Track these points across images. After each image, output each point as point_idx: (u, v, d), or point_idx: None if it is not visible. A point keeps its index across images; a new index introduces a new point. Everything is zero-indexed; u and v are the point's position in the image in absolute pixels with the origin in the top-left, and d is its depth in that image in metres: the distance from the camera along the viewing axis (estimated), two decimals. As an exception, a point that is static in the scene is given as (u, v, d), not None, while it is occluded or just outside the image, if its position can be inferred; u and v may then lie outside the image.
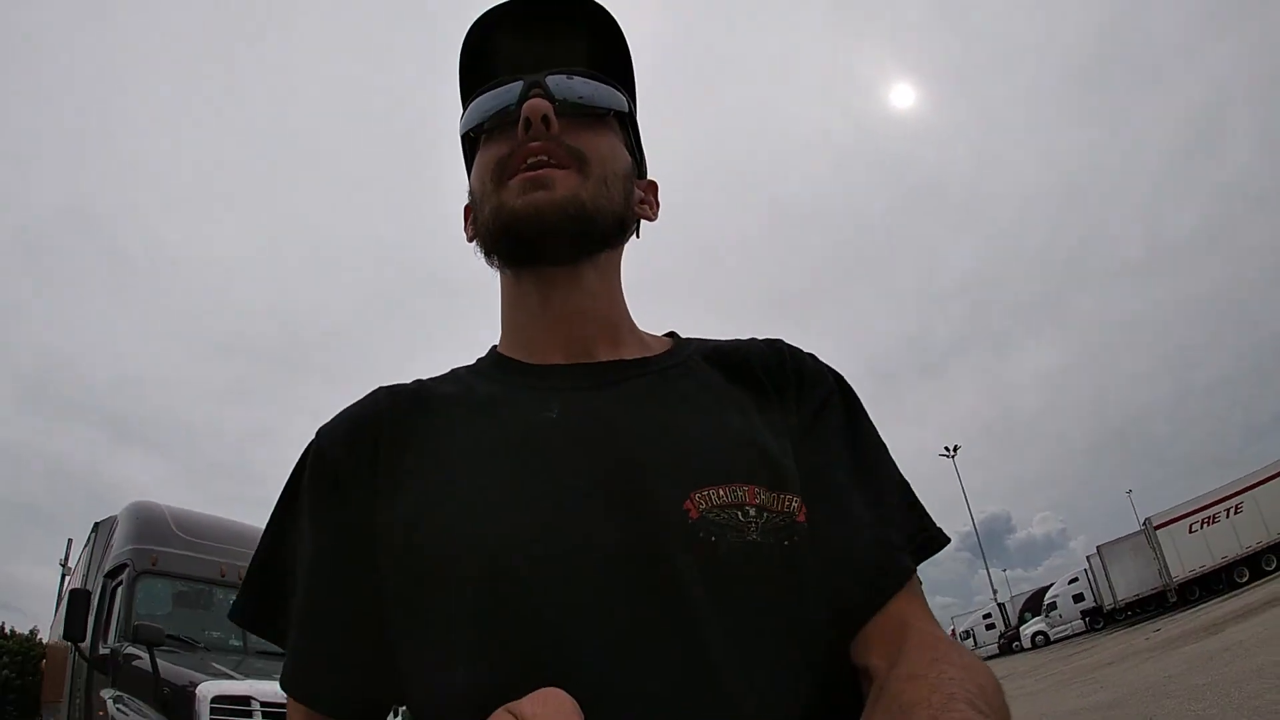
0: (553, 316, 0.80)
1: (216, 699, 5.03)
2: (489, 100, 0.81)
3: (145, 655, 5.62)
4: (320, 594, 0.71)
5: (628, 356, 0.81)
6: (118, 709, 5.51)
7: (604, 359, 0.80)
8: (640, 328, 0.88)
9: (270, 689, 5.26)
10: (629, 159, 0.85)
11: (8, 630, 21.63)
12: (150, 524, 7.54)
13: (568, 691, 0.54)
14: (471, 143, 0.86)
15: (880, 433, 0.83)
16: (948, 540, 0.78)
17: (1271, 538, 22.81)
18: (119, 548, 7.34)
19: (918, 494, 0.80)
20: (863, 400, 0.85)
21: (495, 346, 0.87)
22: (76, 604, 6.62)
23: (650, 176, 0.93)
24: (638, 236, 0.89)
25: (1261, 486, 23.50)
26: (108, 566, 7.30)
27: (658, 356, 0.82)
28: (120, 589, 6.72)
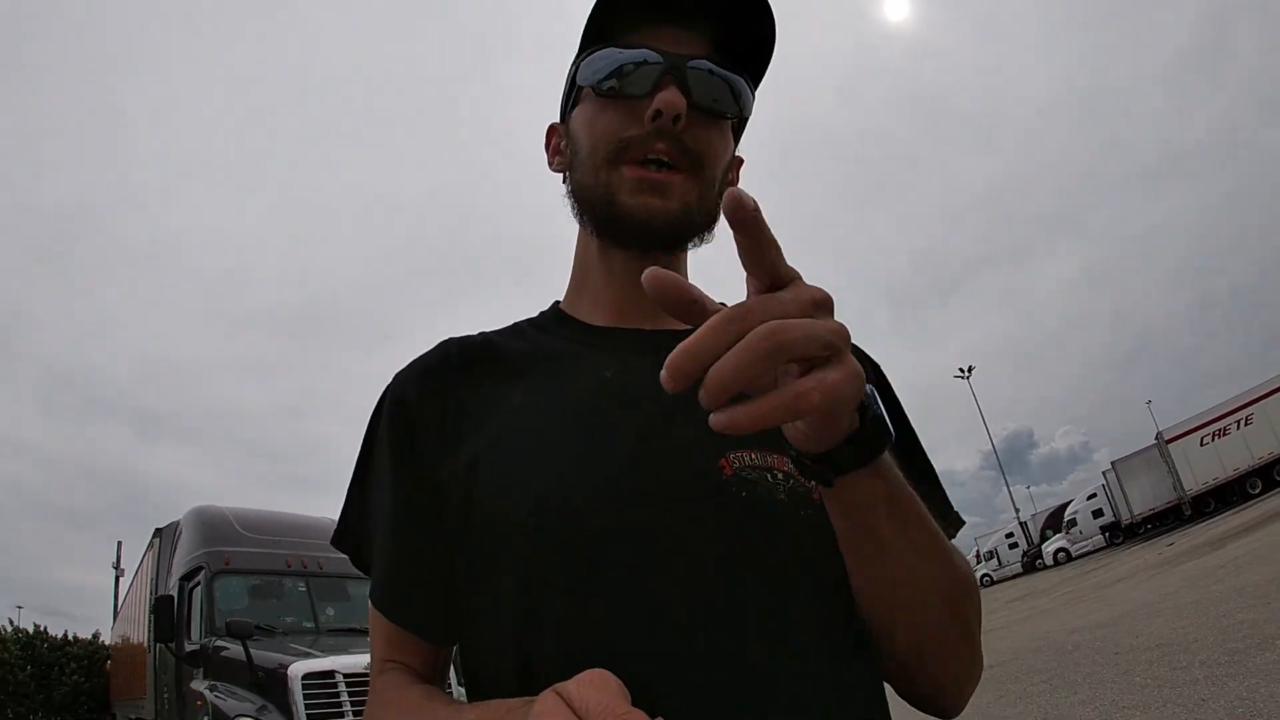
0: (628, 289, 0.84)
1: (306, 676, 5.83)
2: (620, 61, 0.78)
3: (233, 646, 6.45)
4: (399, 527, 0.77)
5: (682, 328, 0.83)
6: (215, 697, 6.32)
7: (665, 327, 0.83)
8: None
9: (348, 661, 6.07)
10: (731, 149, 0.86)
11: (71, 637, 22.83)
12: (216, 527, 8.37)
13: (606, 641, 0.62)
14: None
15: (905, 409, 0.88)
16: (963, 523, 0.85)
17: (1281, 447, 23.40)
18: (190, 552, 8.19)
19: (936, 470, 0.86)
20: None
21: (558, 302, 0.92)
22: (162, 609, 7.48)
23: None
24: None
25: (1271, 397, 24.03)
26: (181, 571, 8.14)
27: None
28: (198, 590, 7.52)
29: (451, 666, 0.87)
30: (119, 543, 26.92)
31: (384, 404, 0.83)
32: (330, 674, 5.94)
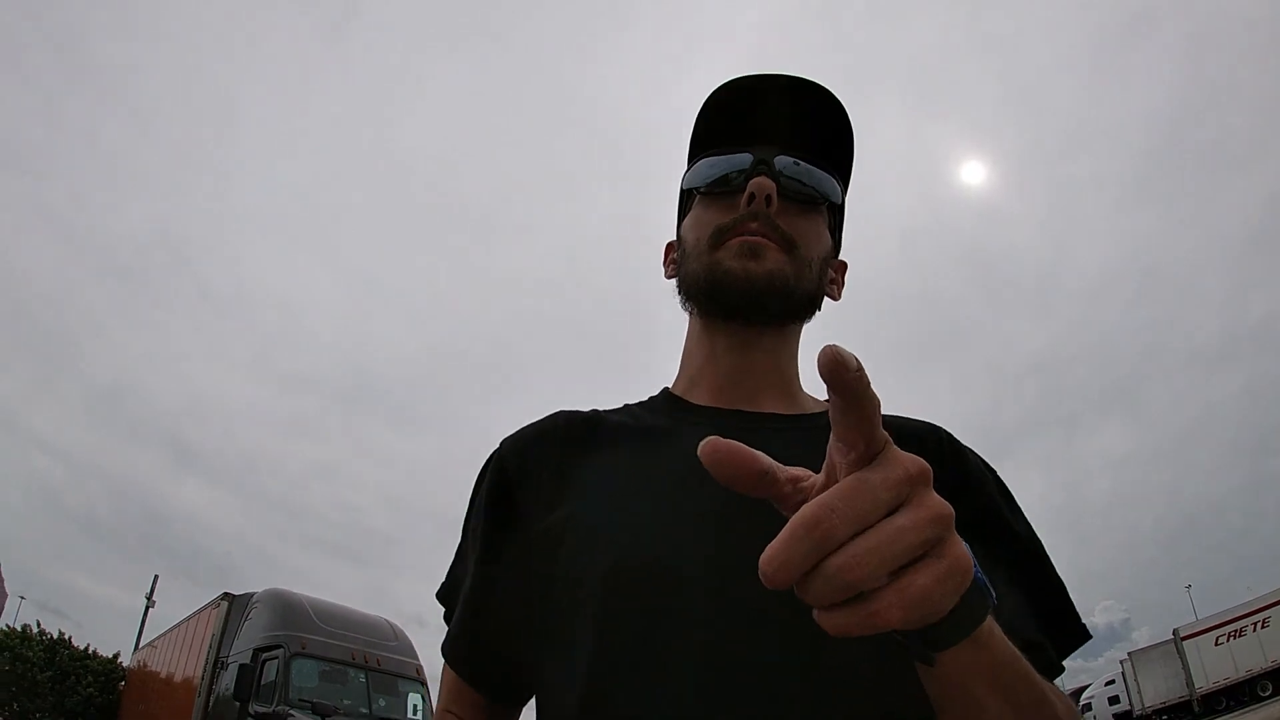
0: (729, 364, 0.90)
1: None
2: (718, 164, 0.91)
3: (299, 717, 8.28)
4: (478, 580, 0.85)
5: (785, 411, 0.89)
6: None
7: (765, 409, 0.88)
8: (809, 392, 0.95)
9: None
10: (830, 243, 0.95)
11: (91, 651, 24.73)
12: (294, 611, 10.28)
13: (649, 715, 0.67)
14: (689, 195, 0.98)
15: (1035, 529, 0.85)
16: (1089, 636, 0.80)
17: (1297, 655, 24.00)
18: (269, 629, 10.07)
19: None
20: None
21: (667, 387, 0.98)
22: (245, 676, 9.29)
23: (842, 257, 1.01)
24: (819, 310, 0.96)
25: (1290, 603, 24.83)
26: (258, 642, 10.00)
27: (811, 415, 0.89)
28: (275, 664, 9.32)
29: None
30: (155, 576, 29.04)
31: (489, 466, 0.91)
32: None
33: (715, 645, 0.68)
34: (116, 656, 25.12)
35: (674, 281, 0.98)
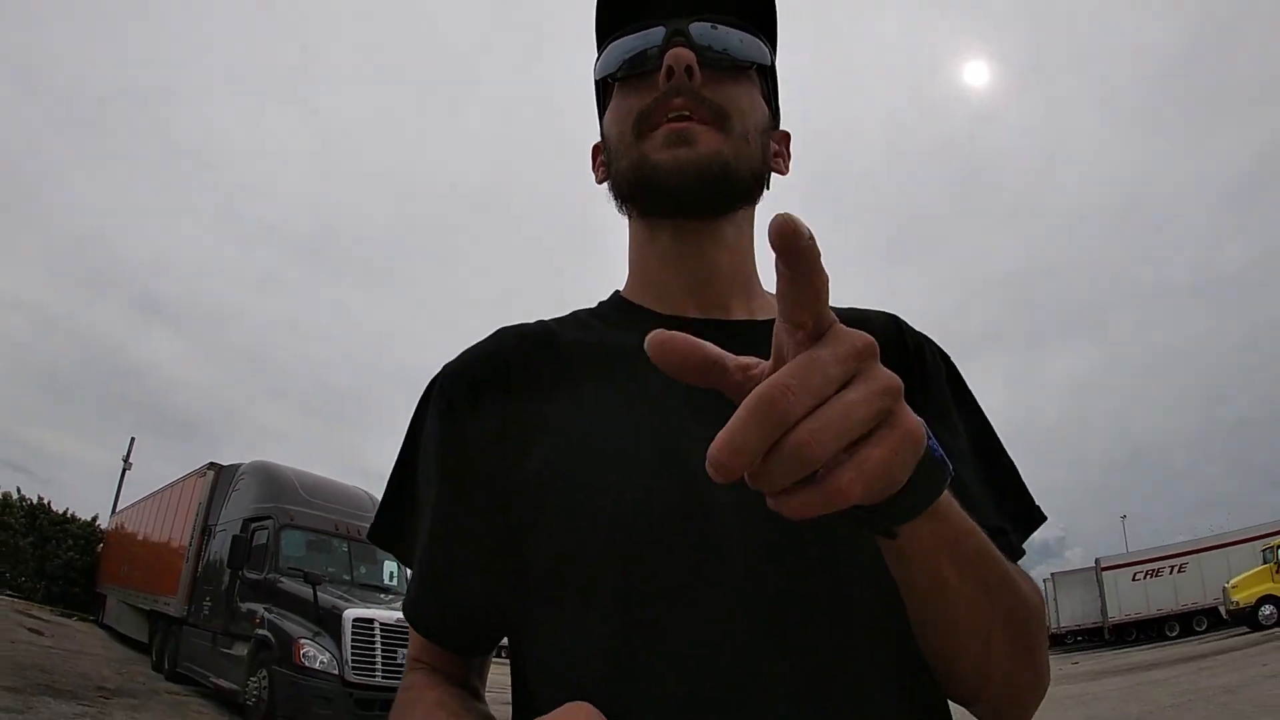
0: (688, 270, 0.82)
1: (355, 619, 8.60)
2: (628, 44, 0.82)
3: (290, 583, 9.32)
4: (439, 534, 0.78)
5: (760, 317, 0.82)
6: (273, 617, 9.04)
7: (738, 317, 0.82)
8: (766, 288, 0.88)
9: (383, 614, 8.83)
10: (767, 112, 0.87)
11: (70, 514, 25.83)
12: (280, 484, 11.17)
13: (668, 671, 0.64)
14: (606, 86, 0.89)
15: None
16: (1045, 518, 0.81)
17: (1207, 601, 25.90)
18: (258, 501, 10.99)
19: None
20: None
21: (618, 291, 0.90)
22: (239, 546, 10.22)
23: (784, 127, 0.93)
24: (768, 189, 0.88)
25: (1207, 552, 26.78)
26: (248, 514, 10.93)
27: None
28: (265, 534, 10.26)
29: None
30: (132, 439, 29.93)
31: (430, 400, 0.82)
32: (370, 621, 8.72)
33: (751, 585, 0.66)
34: (95, 519, 26.28)
35: (606, 186, 0.88)
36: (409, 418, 0.85)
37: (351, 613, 8.66)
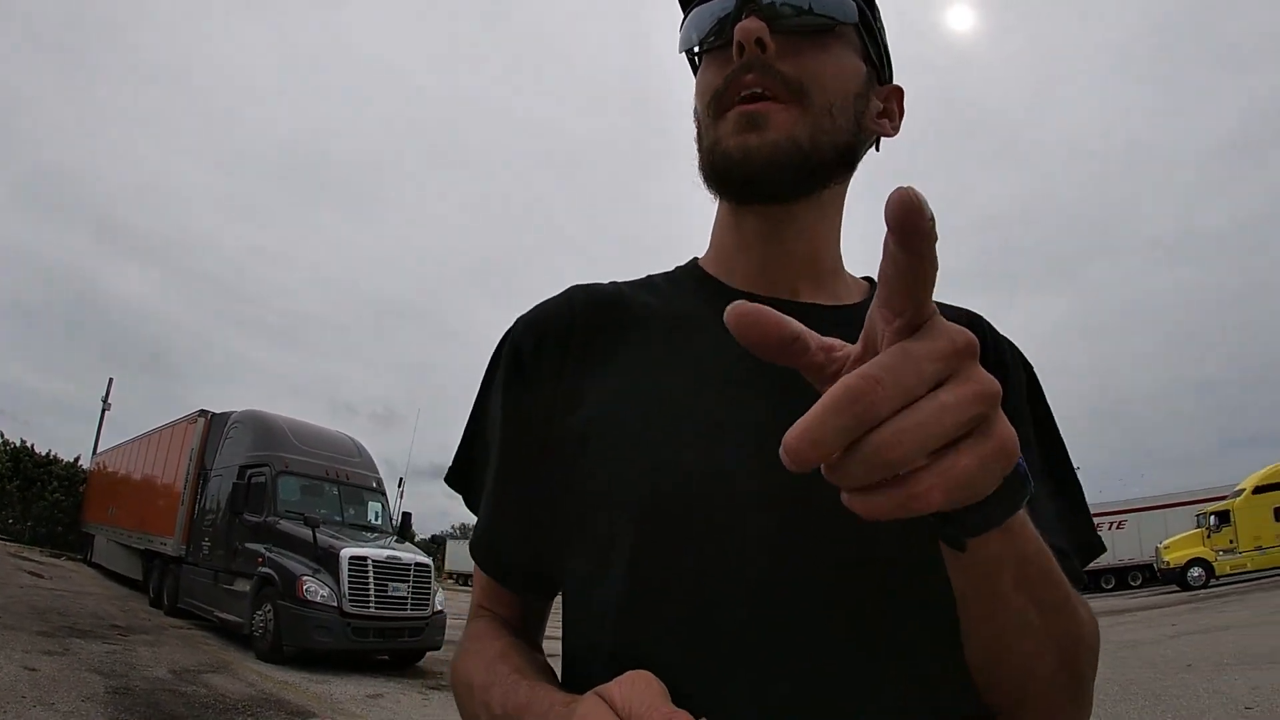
0: (762, 251, 0.79)
1: (351, 558, 9.53)
2: (704, 13, 0.78)
3: (287, 524, 10.23)
4: (502, 480, 0.80)
5: (826, 302, 0.79)
6: (274, 556, 9.95)
7: (805, 300, 0.79)
8: (850, 271, 0.86)
9: (375, 552, 9.79)
10: (863, 72, 0.79)
11: (53, 456, 26.43)
12: (274, 433, 11.99)
13: (696, 643, 0.63)
14: (694, 56, 0.83)
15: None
16: (1105, 549, 0.79)
17: (1143, 558, 27.63)
18: (254, 449, 11.77)
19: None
20: None
21: (697, 259, 0.88)
22: (238, 491, 11.05)
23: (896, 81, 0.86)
24: (877, 150, 0.85)
25: (1149, 512, 28.46)
26: (244, 460, 11.70)
27: (855, 307, 0.80)
28: (262, 480, 11.08)
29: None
30: (110, 379, 30.41)
31: (502, 351, 0.83)
32: (364, 558, 9.67)
33: (760, 563, 0.64)
34: (77, 460, 26.94)
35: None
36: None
37: (348, 551, 9.59)
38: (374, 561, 9.68)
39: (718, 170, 0.76)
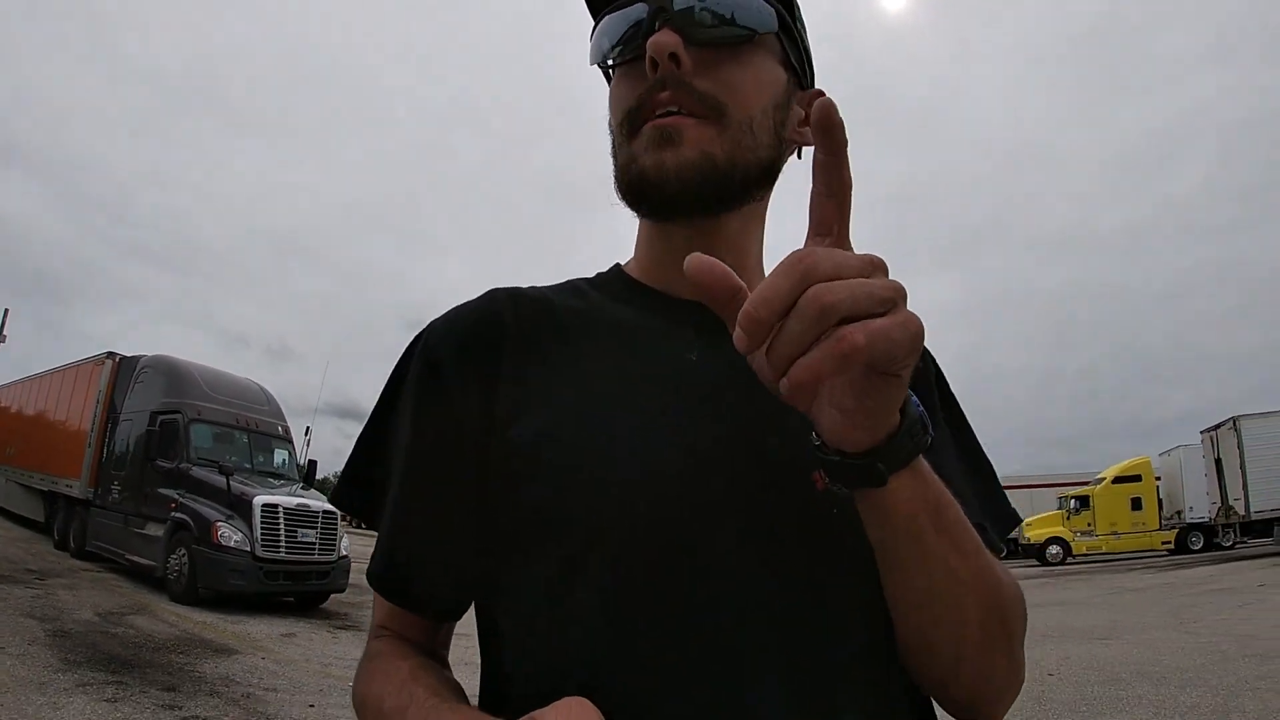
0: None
1: (264, 505, 10.02)
2: (613, 24, 0.74)
3: (200, 471, 10.65)
4: (412, 498, 0.74)
5: None
6: (187, 501, 10.33)
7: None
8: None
9: (285, 500, 10.29)
10: (783, 80, 0.76)
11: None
12: (185, 380, 12.24)
13: (654, 643, 0.62)
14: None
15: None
16: (1020, 519, 0.84)
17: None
18: (166, 395, 11.99)
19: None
20: None
21: (619, 265, 0.86)
22: (153, 438, 11.39)
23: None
24: (799, 158, 0.80)
25: (1013, 490, 30.57)
26: (156, 407, 11.90)
27: None
28: (174, 427, 11.37)
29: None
30: (4, 310, 29.19)
31: (413, 356, 0.77)
32: (275, 506, 10.18)
33: (739, 562, 0.63)
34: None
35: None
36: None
37: (260, 499, 10.09)
38: (285, 509, 10.20)
39: (633, 188, 0.73)
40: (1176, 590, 14.49)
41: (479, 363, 0.74)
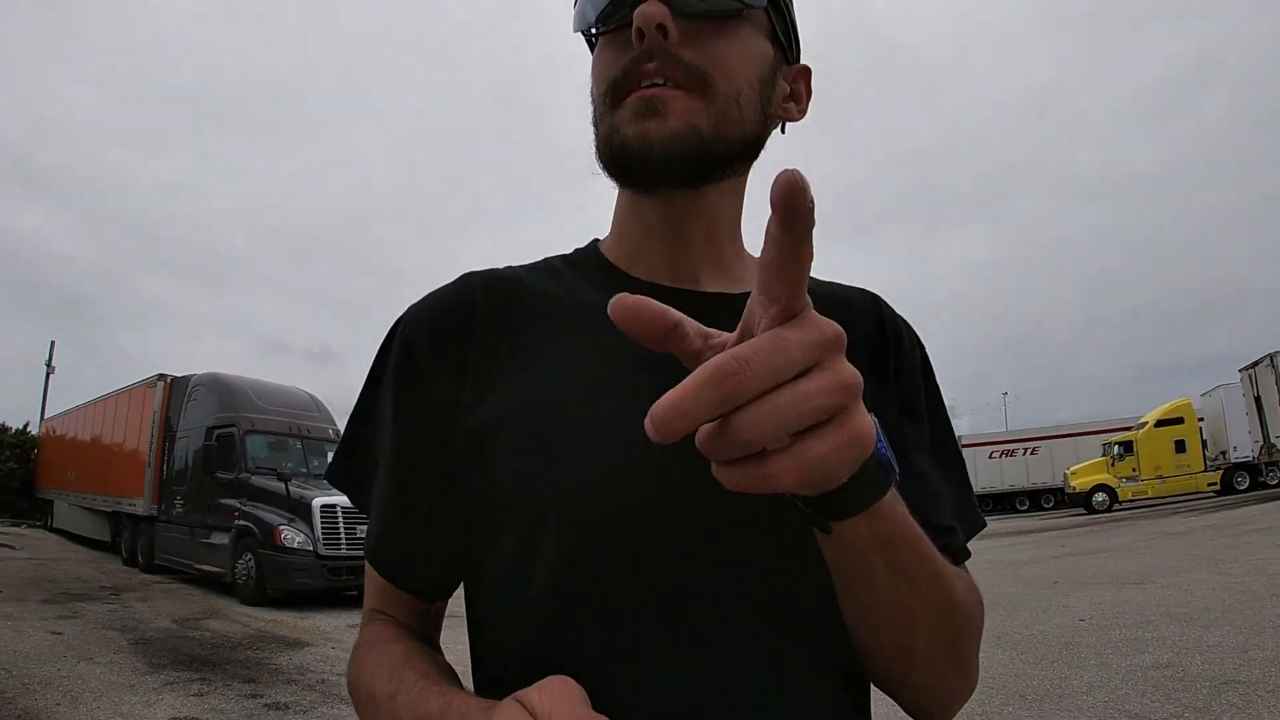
0: (664, 239, 0.78)
1: (323, 506, 10.55)
2: None
3: (259, 479, 11.21)
4: (399, 480, 0.76)
5: (728, 290, 0.78)
6: (250, 509, 10.93)
7: (708, 288, 0.78)
8: (750, 251, 0.85)
9: (340, 500, 10.59)
10: (770, 55, 0.76)
11: (3, 424, 26.51)
12: (237, 394, 12.85)
13: (618, 642, 0.63)
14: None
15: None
16: (984, 524, 0.82)
17: (1055, 482, 29.91)
18: (220, 410, 12.59)
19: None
20: None
21: (598, 241, 0.86)
22: (210, 452, 12.00)
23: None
24: (782, 132, 0.81)
25: (1060, 440, 30.83)
26: (212, 422, 12.52)
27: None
28: (231, 439, 11.96)
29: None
30: (52, 342, 30.35)
31: (392, 343, 0.79)
32: (334, 505, 10.67)
33: (698, 542, 0.64)
34: (26, 427, 27.08)
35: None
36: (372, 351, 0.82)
37: (319, 500, 10.60)
38: (342, 508, 10.71)
39: (615, 158, 0.72)
40: (1219, 532, 14.50)
41: (451, 346, 0.75)
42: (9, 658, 6.47)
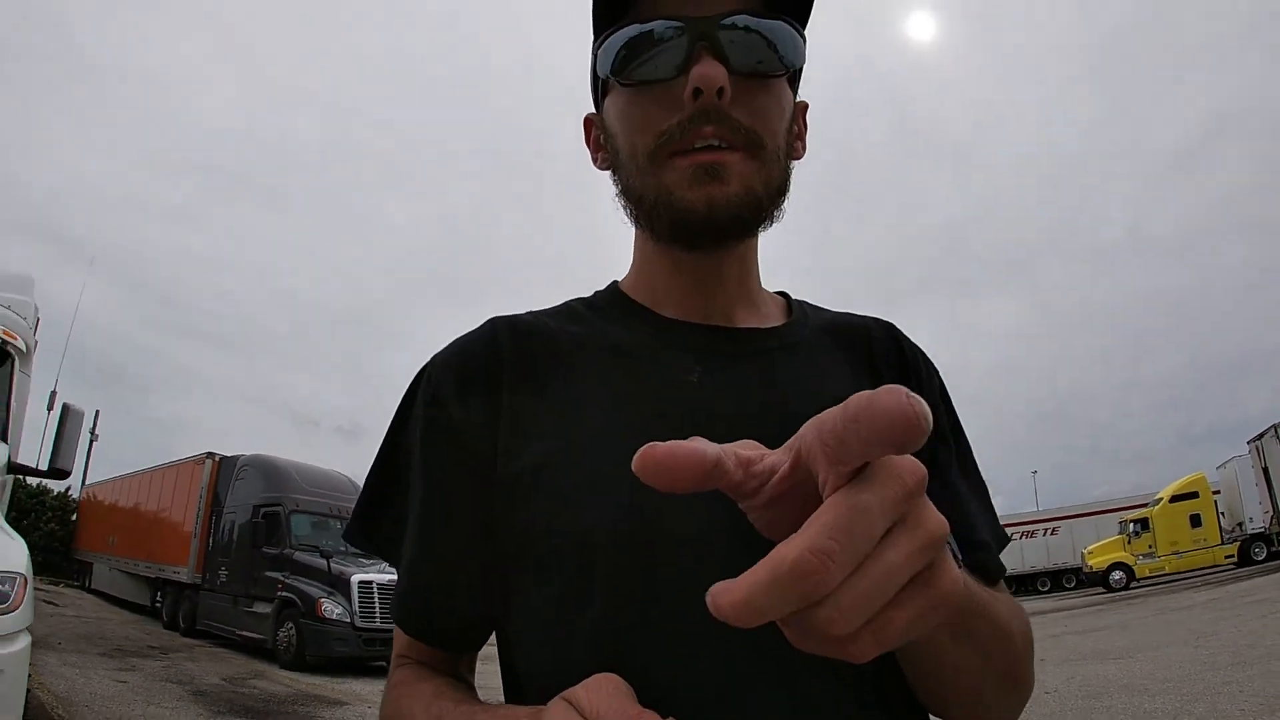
0: (694, 283, 0.79)
1: (360, 582, 11.64)
2: (638, 44, 0.71)
3: (302, 555, 12.32)
4: (428, 539, 0.75)
5: (758, 325, 0.80)
6: (292, 582, 12.01)
7: (740, 324, 0.79)
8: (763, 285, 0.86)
9: (379, 577, 11.77)
10: (793, 101, 0.79)
11: (41, 487, 27.87)
12: (282, 476, 14.06)
13: (655, 665, 0.62)
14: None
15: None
16: (1008, 540, 0.83)
17: (1075, 562, 29.79)
18: (267, 490, 13.78)
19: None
20: None
21: (617, 283, 0.86)
22: (257, 529, 13.20)
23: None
24: (789, 169, 0.81)
25: (1079, 519, 31.10)
26: (258, 501, 13.69)
27: (785, 327, 0.82)
28: (277, 518, 13.12)
29: None
30: (97, 411, 31.81)
31: (418, 393, 0.79)
32: (370, 582, 11.77)
33: (678, 617, 0.63)
34: (67, 491, 28.49)
35: (608, 174, 0.80)
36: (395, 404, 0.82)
37: (357, 577, 11.70)
38: (378, 584, 11.78)
39: (675, 222, 0.72)
40: (1218, 605, 14.72)
41: (479, 395, 0.74)
42: (86, 698, 7.49)
